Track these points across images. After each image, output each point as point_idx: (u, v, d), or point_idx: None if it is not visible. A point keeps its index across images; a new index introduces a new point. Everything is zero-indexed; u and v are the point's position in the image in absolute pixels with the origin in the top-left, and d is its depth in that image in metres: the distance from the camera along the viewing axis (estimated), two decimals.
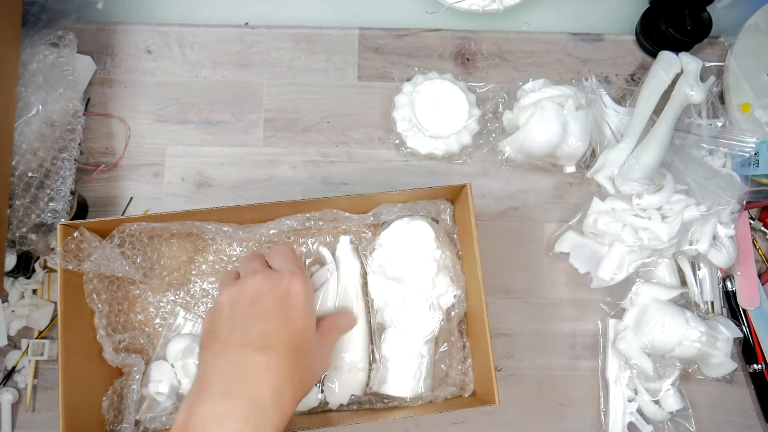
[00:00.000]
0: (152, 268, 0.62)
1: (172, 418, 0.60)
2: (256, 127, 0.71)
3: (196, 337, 0.60)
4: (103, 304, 0.59)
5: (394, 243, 0.60)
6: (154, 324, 0.63)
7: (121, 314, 0.63)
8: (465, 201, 0.59)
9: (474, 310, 0.60)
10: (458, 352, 0.61)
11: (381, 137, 0.71)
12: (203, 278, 0.64)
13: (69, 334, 0.55)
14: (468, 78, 0.72)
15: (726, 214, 0.65)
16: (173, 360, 0.59)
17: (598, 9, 0.77)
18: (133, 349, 0.62)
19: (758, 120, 0.67)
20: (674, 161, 0.66)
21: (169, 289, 0.64)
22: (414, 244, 0.60)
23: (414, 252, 0.60)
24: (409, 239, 0.60)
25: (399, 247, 0.60)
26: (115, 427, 0.59)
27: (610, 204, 0.64)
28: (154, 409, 0.60)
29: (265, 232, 0.61)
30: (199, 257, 0.64)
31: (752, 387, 0.67)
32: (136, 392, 0.58)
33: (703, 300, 0.66)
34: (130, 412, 0.58)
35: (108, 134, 0.70)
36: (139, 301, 0.64)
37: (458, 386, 0.61)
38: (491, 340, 0.55)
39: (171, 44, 0.72)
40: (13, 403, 0.64)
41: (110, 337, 0.59)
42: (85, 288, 0.59)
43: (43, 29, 0.67)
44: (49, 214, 0.62)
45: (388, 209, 0.62)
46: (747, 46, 0.69)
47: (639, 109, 0.67)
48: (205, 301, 0.64)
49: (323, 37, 0.73)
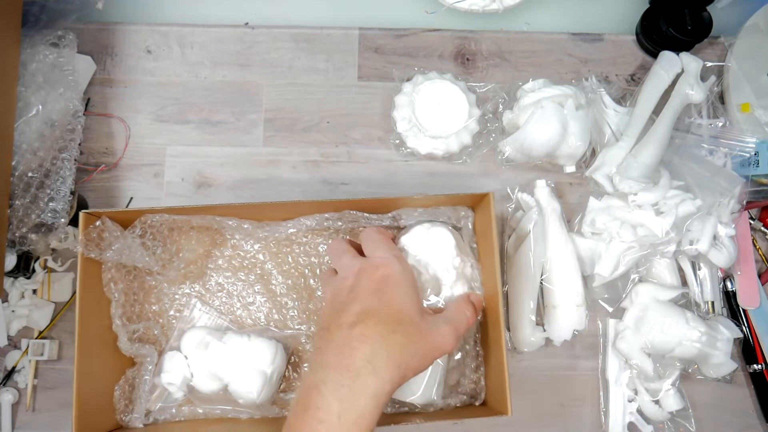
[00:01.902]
0: (171, 260, 0.62)
1: (182, 410, 0.60)
2: (256, 127, 0.71)
3: (211, 330, 0.61)
4: (119, 293, 0.60)
5: (413, 248, 0.60)
6: (168, 315, 0.64)
7: (137, 304, 0.63)
8: (487, 210, 0.58)
9: (491, 320, 0.59)
10: (472, 361, 0.61)
11: (381, 137, 0.71)
12: (219, 272, 0.64)
13: (85, 322, 0.56)
14: (468, 78, 0.72)
15: (726, 214, 0.65)
16: (187, 352, 0.59)
17: (598, 9, 0.77)
18: (147, 340, 0.62)
19: (758, 120, 0.67)
20: (673, 159, 0.66)
21: (185, 282, 0.64)
22: (434, 250, 0.59)
23: (434, 258, 0.59)
24: (429, 245, 0.60)
25: (419, 253, 0.59)
26: (125, 417, 0.59)
27: (607, 202, 0.65)
28: (165, 400, 0.60)
29: (284, 230, 0.62)
30: (216, 251, 0.65)
31: (752, 387, 0.67)
32: (148, 383, 0.59)
33: (703, 300, 0.66)
34: (141, 402, 0.59)
35: (108, 134, 0.70)
36: (154, 292, 0.64)
37: (469, 395, 0.60)
38: (507, 352, 0.55)
39: (171, 44, 0.72)
40: (13, 403, 0.64)
41: (125, 327, 0.60)
42: (104, 277, 0.59)
43: (43, 29, 0.67)
44: (49, 214, 0.62)
45: (408, 213, 0.61)
46: (747, 46, 0.69)
47: (639, 108, 0.67)
48: (220, 295, 0.64)
49: (323, 37, 0.73)
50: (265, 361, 0.58)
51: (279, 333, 0.63)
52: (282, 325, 0.64)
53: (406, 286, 0.50)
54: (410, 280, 0.51)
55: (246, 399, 0.58)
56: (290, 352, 0.63)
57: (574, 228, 0.68)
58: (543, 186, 0.67)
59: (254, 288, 0.64)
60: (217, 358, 0.58)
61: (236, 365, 0.58)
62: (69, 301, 0.66)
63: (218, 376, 0.58)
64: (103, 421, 0.58)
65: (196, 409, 0.61)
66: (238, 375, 0.58)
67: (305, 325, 0.64)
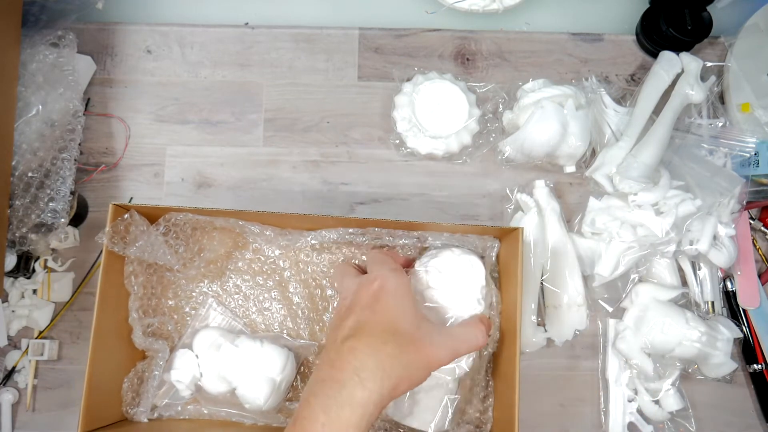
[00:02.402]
0: (192, 258, 0.62)
1: (188, 409, 0.60)
2: (256, 127, 0.71)
3: (224, 331, 0.61)
4: (138, 286, 0.60)
5: (441, 273, 0.57)
6: (183, 312, 0.64)
7: (153, 298, 0.63)
8: (515, 245, 0.57)
9: (505, 354, 0.58)
10: (481, 390, 0.60)
11: (381, 137, 0.71)
12: (238, 274, 0.64)
13: (102, 313, 0.56)
14: (468, 78, 0.72)
15: (726, 214, 0.65)
16: (198, 351, 0.59)
17: (598, 9, 0.77)
18: (160, 335, 0.62)
19: (758, 120, 0.67)
20: (673, 159, 0.66)
21: (203, 280, 0.64)
22: (463, 278, 0.57)
23: (461, 287, 0.57)
24: (458, 273, 0.57)
25: (446, 279, 0.57)
26: (131, 410, 0.59)
27: (607, 202, 0.65)
28: (172, 396, 0.60)
29: (306, 241, 0.61)
30: (237, 253, 0.65)
31: (752, 387, 0.67)
32: (157, 378, 0.59)
33: (703, 300, 0.66)
34: (149, 396, 0.59)
35: (108, 134, 0.70)
36: (172, 288, 0.64)
37: (474, 424, 0.59)
38: (519, 388, 0.54)
39: (171, 44, 0.72)
40: (13, 403, 0.64)
41: (141, 320, 0.60)
42: (126, 269, 0.59)
43: (43, 29, 0.67)
44: (49, 214, 0.62)
45: (435, 235, 0.60)
46: (747, 46, 0.69)
47: (639, 108, 0.67)
48: (236, 297, 0.64)
49: (323, 37, 0.73)
50: (275, 369, 0.58)
51: (291, 342, 0.62)
52: (295, 334, 0.64)
53: (401, 297, 0.50)
54: (405, 290, 0.50)
55: (252, 404, 0.58)
56: (300, 362, 0.63)
57: (574, 228, 0.68)
58: (542, 186, 0.67)
59: (271, 294, 0.64)
60: (227, 360, 0.58)
61: (246, 370, 0.58)
62: (69, 301, 0.66)
63: (227, 378, 0.58)
64: (110, 413, 0.58)
65: (202, 409, 0.61)
66: (247, 380, 0.58)
67: (318, 336, 0.64)
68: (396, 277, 0.51)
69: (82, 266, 0.67)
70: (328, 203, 0.69)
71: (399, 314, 0.49)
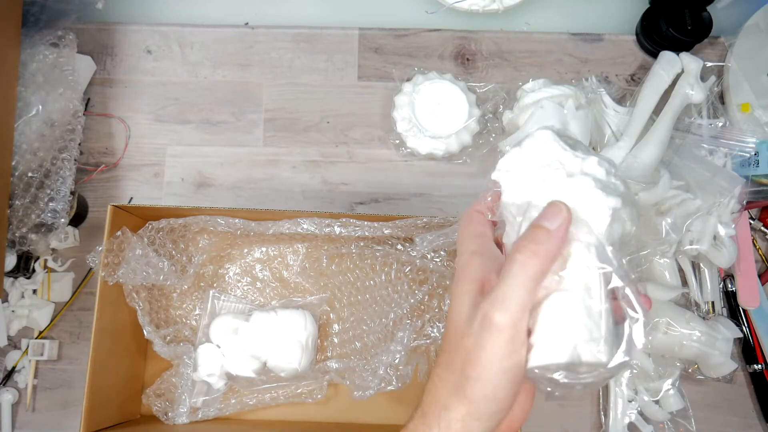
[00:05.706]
0: (184, 268, 0.62)
1: (230, 403, 0.61)
2: (256, 127, 0.71)
3: (237, 315, 0.61)
4: (143, 302, 0.60)
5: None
6: (194, 315, 0.64)
7: (161, 310, 0.63)
8: None
9: None
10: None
11: (381, 137, 0.71)
12: (235, 263, 0.65)
13: (103, 313, 0.56)
14: (468, 78, 0.72)
15: (726, 214, 0.65)
16: (218, 340, 0.59)
17: (598, 9, 0.77)
18: (179, 342, 0.63)
19: (758, 120, 0.67)
20: (673, 159, 0.66)
21: (201, 283, 0.65)
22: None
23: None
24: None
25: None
26: (169, 414, 0.59)
27: None
28: (207, 392, 0.61)
29: (282, 225, 0.60)
30: (228, 251, 0.66)
31: (752, 387, 0.67)
32: (188, 378, 0.59)
33: (703, 300, 0.66)
34: (185, 398, 0.59)
35: (108, 134, 0.70)
36: (174, 296, 0.64)
37: None
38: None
39: (171, 44, 0.72)
40: (13, 403, 0.64)
41: (156, 332, 0.60)
42: (125, 288, 0.59)
43: (43, 29, 0.67)
44: (49, 214, 0.62)
45: (412, 222, 0.59)
46: (747, 46, 0.69)
47: (639, 108, 0.67)
48: (240, 285, 0.65)
49: (323, 37, 0.73)
50: (297, 330, 0.58)
51: (303, 300, 0.63)
52: (304, 291, 0.65)
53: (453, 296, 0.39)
54: (455, 286, 0.39)
55: (288, 370, 0.58)
56: (318, 316, 0.63)
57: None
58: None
59: (269, 284, 0.66)
60: (249, 338, 0.58)
61: (270, 341, 0.58)
62: (69, 301, 0.66)
63: (255, 355, 0.58)
64: (111, 414, 0.58)
65: (243, 398, 0.61)
66: (275, 349, 0.58)
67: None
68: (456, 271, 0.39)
69: (82, 266, 0.67)
70: (328, 203, 0.69)
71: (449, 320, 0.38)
